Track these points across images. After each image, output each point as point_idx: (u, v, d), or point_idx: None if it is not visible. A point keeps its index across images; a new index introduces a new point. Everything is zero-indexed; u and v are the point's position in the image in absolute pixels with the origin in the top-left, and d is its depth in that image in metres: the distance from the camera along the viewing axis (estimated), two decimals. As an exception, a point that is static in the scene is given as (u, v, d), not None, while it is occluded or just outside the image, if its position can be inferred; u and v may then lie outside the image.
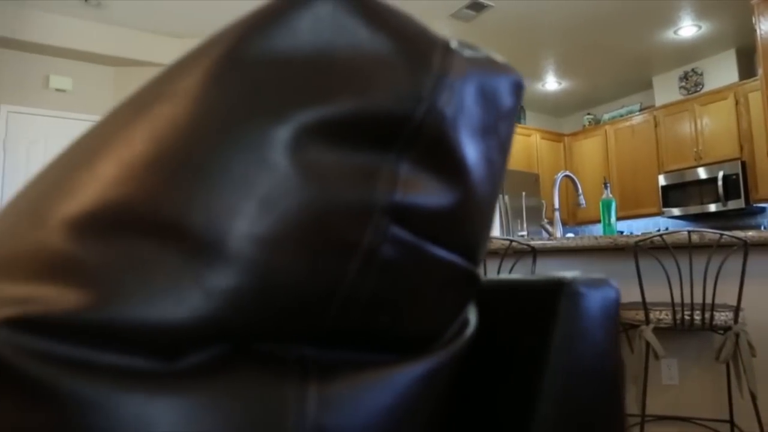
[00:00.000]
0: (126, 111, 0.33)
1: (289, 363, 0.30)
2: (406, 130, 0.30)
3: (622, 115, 6.06)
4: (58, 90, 4.45)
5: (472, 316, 0.43)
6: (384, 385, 0.32)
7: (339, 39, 0.31)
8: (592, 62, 5.33)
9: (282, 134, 0.29)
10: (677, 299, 2.25)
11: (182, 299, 0.28)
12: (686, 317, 1.95)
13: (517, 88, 0.38)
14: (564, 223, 6.13)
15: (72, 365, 0.27)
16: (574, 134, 6.50)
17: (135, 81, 4.70)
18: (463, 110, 0.33)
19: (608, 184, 2.98)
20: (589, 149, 6.25)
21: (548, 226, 2.96)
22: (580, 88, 6.06)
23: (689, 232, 1.99)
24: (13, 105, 4.32)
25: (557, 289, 0.45)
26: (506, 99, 0.37)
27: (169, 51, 4.66)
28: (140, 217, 0.28)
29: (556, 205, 2.93)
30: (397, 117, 0.30)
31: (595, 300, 0.45)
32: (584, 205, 2.94)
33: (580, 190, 2.93)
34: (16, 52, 4.35)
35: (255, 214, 0.28)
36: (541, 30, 4.59)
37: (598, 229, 6.24)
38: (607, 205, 2.86)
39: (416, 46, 0.32)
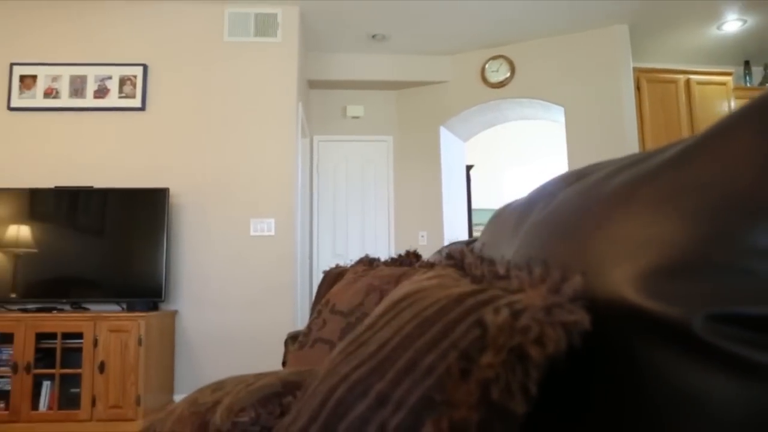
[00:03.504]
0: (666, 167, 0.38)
1: None
2: None
3: None
4: (353, 117, 5.13)
5: None
6: None
7: None
8: None
9: None
10: None
11: None
12: None
13: None
14: None
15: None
16: None
17: (412, 101, 5.15)
18: None
19: None
20: None
21: None
22: None
23: None
24: (321, 135, 5.12)
25: None
26: None
27: (441, 69, 5.00)
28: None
29: None
30: None
31: None
32: None
33: None
34: (321, 90, 5.15)
35: None
36: None
37: None
38: None
39: None
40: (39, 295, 3.51)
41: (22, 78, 3.85)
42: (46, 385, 3.23)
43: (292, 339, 1.87)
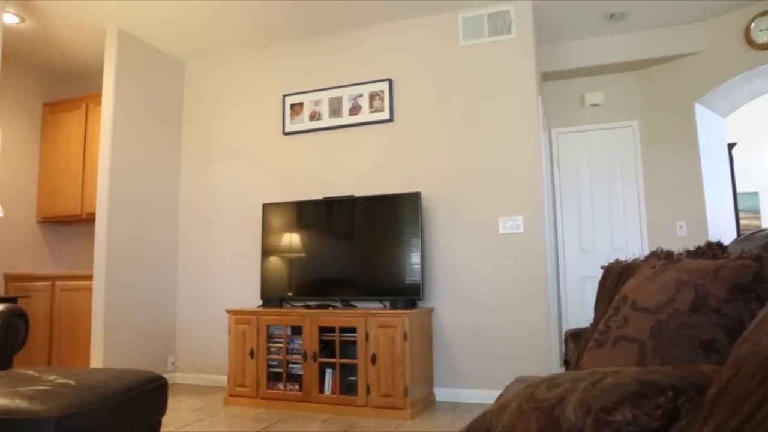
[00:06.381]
0: None
1: None
2: None
3: None
4: (592, 105, 4.87)
5: None
6: None
7: None
8: None
9: None
10: None
11: None
12: None
13: None
14: None
15: None
16: None
17: (659, 79, 4.69)
18: None
19: None
20: None
21: None
22: None
23: None
24: (558, 127, 4.95)
25: None
26: None
27: (691, 38, 4.46)
28: None
29: None
30: None
31: None
32: None
33: None
34: (556, 81, 4.99)
35: None
36: None
37: None
38: None
39: None
40: (308, 294, 4.02)
41: (292, 106, 4.46)
42: (328, 372, 3.68)
43: (573, 337, 1.83)
